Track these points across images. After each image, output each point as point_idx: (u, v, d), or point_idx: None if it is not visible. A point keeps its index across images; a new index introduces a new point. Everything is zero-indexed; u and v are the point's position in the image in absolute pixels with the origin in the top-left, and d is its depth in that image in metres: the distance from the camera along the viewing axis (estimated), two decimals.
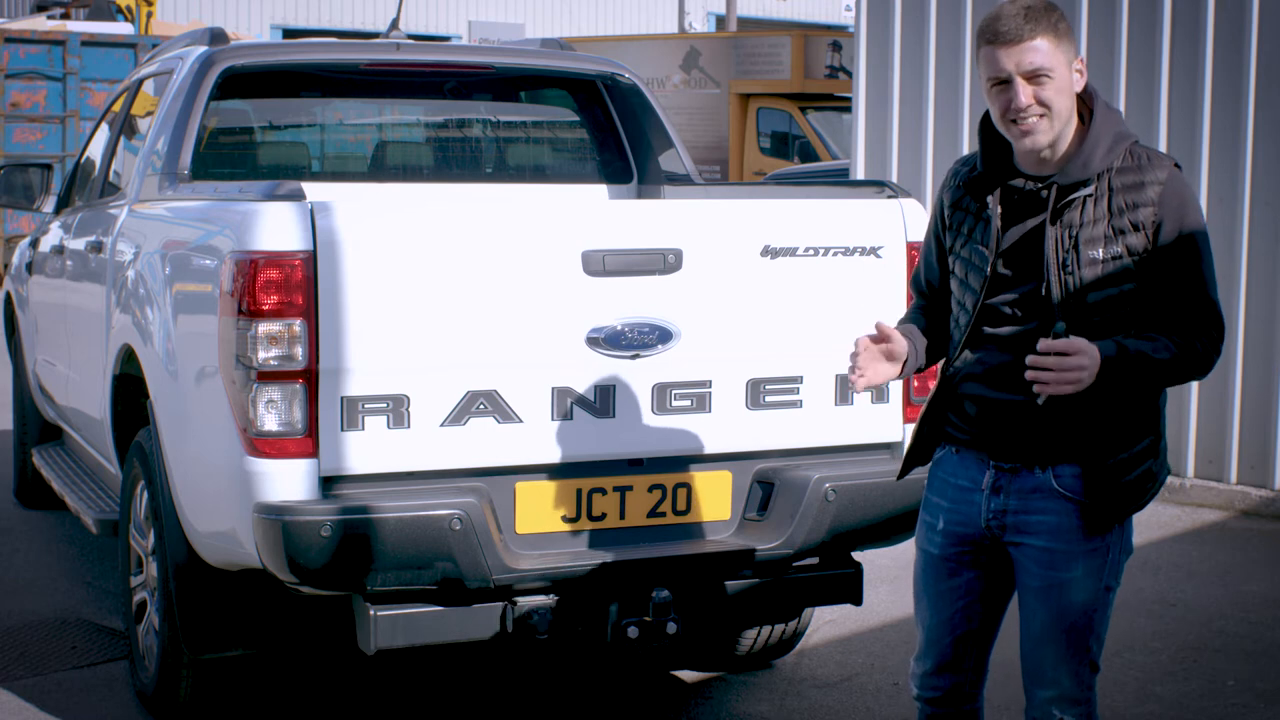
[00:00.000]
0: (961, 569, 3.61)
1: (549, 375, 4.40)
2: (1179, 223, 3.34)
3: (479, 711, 5.36)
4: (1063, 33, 3.33)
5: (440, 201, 5.78)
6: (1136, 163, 3.38)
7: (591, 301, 4.39)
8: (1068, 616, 3.48)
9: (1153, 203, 3.34)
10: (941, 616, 3.66)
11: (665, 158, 6.25)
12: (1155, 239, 3.34)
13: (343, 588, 4.31)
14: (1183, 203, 3.35)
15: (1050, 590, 3.48)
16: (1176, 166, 3.40)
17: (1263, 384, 8.17)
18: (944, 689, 3.70)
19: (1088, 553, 3.46)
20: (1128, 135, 3.42)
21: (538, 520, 4.45)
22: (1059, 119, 3.35)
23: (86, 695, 5.37)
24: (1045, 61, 3.31)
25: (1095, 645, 3.52)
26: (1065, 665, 3.50)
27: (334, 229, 4.18)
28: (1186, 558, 7.31)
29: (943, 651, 3.68)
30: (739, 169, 22.70)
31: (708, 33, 32.98)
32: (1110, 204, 3.35)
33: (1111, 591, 3.53)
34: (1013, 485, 3.49)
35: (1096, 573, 3.48)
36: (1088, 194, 3.36)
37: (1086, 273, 3.34)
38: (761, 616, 5.15)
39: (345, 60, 6.05)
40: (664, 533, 4.55)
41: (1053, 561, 3.46)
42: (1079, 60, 3.40)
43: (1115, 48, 8.63)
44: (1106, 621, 3.56)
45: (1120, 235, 3.34)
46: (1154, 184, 3.35)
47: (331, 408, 4.22)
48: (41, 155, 17.72)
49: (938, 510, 3.63)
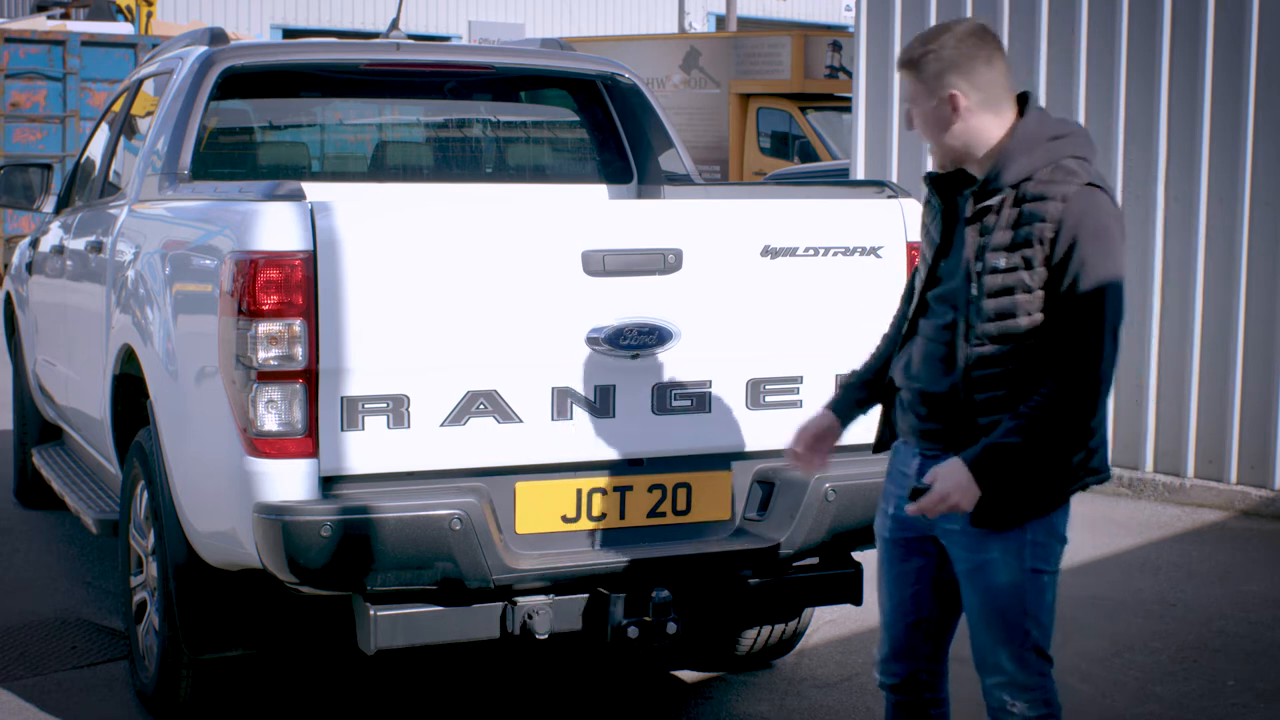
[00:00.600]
0: (911, 555, 3.76)
1: (549, 375, 4.40)
2: (1071, 237, 3.40)
3: (479, 711, 5.37)
4: (922, 69, 3.52)
5: (440, 201, 5.78)
6: (1051, 177, 3.45)
7: (591, 301, 4.39)
8: (995, 598, 3.58)
9: (1054, 218, 3.41)
10: (894, 601, 3.81)
11: (665, 158, 6.25)
12: (1051, 252, 3.41)
13: (343, 588, 4.31)
14: (1081, 222, 3.41)
15: (975, 573, 3.60)
16: (1094, 185, 3.45)
17: (1263, 384, 8.17)
18: (901, 676, 3.84)
19: (1001, 533, 3.55)
20: (1062, 152, 3.48)
21: (538, 520, 4.45)
22: (941, 149, 3.56)
23: (86, 695, 5.37)
24: (908, 95, 3.59)
25: (1035, 630, 3.61)
26: (1004, 649, 3.61)
27: (334, 229, 4.18)
28: (1186, 558, 7.32)
29: (897, 637, 3.82)
30: (739, 169, 22.70)
31: (708, 33, 32.98)
32: (1020, 215, 3.45)
33: (1042, 575, 3.61)
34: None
35: (1017, 553, 3.56)
36: (994, 203, 3.48)
37: (988, 280, 3.47)
38: (761, 616, 5.15)
39: (345, 60, 6.05)
40: (664, 533, 4.55)
41: (971, 544, 3.59)
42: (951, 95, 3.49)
43: (1115, 48, 8.63)
44: (1046, 608, 3.64)
45: (1019, 248, 3.43)
46: (1057, 199, 3.42)
47: (331, 408, 4.22)
48: (41, 155, 17.72)
49: (889, 496, 3.80)
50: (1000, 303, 3.45)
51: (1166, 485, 8.48)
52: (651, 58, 23.52)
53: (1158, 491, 8.49)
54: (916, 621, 3.79)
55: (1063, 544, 3.64)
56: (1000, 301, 3.45)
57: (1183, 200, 8.42)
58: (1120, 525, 7.90)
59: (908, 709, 3.89)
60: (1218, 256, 8.34)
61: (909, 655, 3.82)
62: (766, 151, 22.54)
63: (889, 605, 3.83)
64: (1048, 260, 3.42)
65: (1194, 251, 8.39)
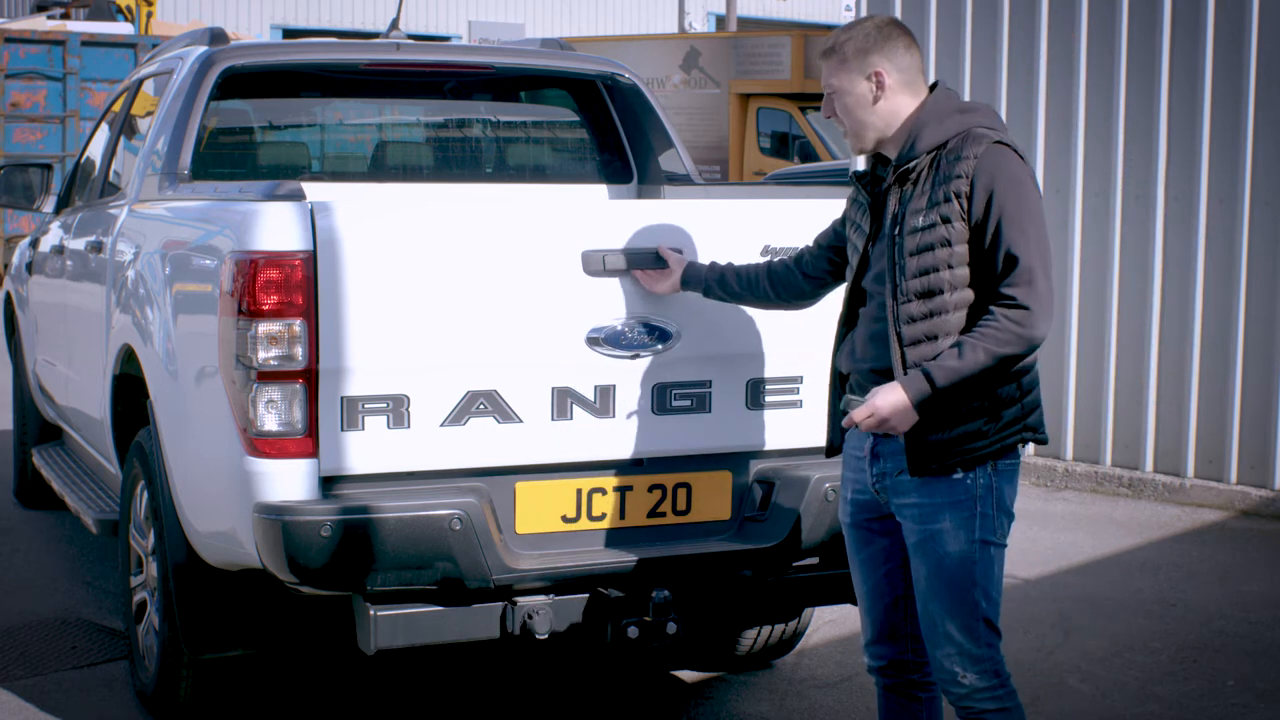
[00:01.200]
0: (874, 536, 3.90)
1: (549, 375, 4.40)
2: (988, 188, 3.61)
3: (479, 711, 5.37)
4: (847, 55, 3.77)
5: (440, 201, 5.78)
6: (963, 142, 3.67)
7: (591, 301, 4.39)
8: (945, 568, 3.70)
9: (968, 173, 3.62)
10: (869, 585, 3.94)
11: (665, 158, 6.25)
12: (969, 206, 3.61)
13: (343, 588, 4.31)
14: (996, 171, 3.62)
15: (925, 544, 3.72)
16: (1003, 144, 3.66)
17: (1263, 384, 8.17)
18: (888, 658, 3.95)
19: (952, 504, 3.68)
20: (972, 122, 3.71)
21: (538, 520, 4.45)
22: (860, 126, 3.78)
23: (86, 695, 5.37)
24: (828, 81, 3.80)
25: (984, 602, 3.72)
26: (954, 620, 3.71)
27: (334, 229, 4.18)
28: (1186, 558, 7.32)
29: (878, 619, 3.94)
30: (739, 169, 22.70)
31: (708, 33, 32.98)
32: (935, 177, 3.67)
33: (991, 547, 3.72)
34: (886, 449, 3.78)
35: (966, 525, 3.69)
36: (911, 168, 3.70)
37: (908, 240, 3.67)
38: (761, 616, 5.15)
39: (345, 60, 6.04)
40: (664, 533, 4.55)
41: (921, 516, 3.72)
42: (876, 72, 3.76)
43: (1115, 48, 8.63)
44: (994, 581, 3.74)
45: (936, 205, 3.65)
46: (971, 156, 3.64)
47: (331, 408, 4.22)
48: (41, 155, 17.72)
49: (847, 483, 3.97)
50: (922, 260, 3.65)
51: (1166, 485, 8.48)
52: (651, 58, 23.52)
53: (1158, 491, 8.49)
54: (894, 601, 3.91)
55: (1010, 519, 3.76)
56: (922, 259, 3.65)
57: (1183, 200, 8.42)
58: (1120, 525, 7.90)
59: (896, 691, 3.97)
60: (1218, 256, 8.34)
61: (892, 636, 3.93)
62: (766, 151, 22.55)
63: (865, 589, 3.96)
64: (966, 215, 3.61)
65: (1194, 251, 8.39)
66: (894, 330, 3.67)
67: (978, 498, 3.69)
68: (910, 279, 3.65)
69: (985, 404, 3.66)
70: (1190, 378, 8.41)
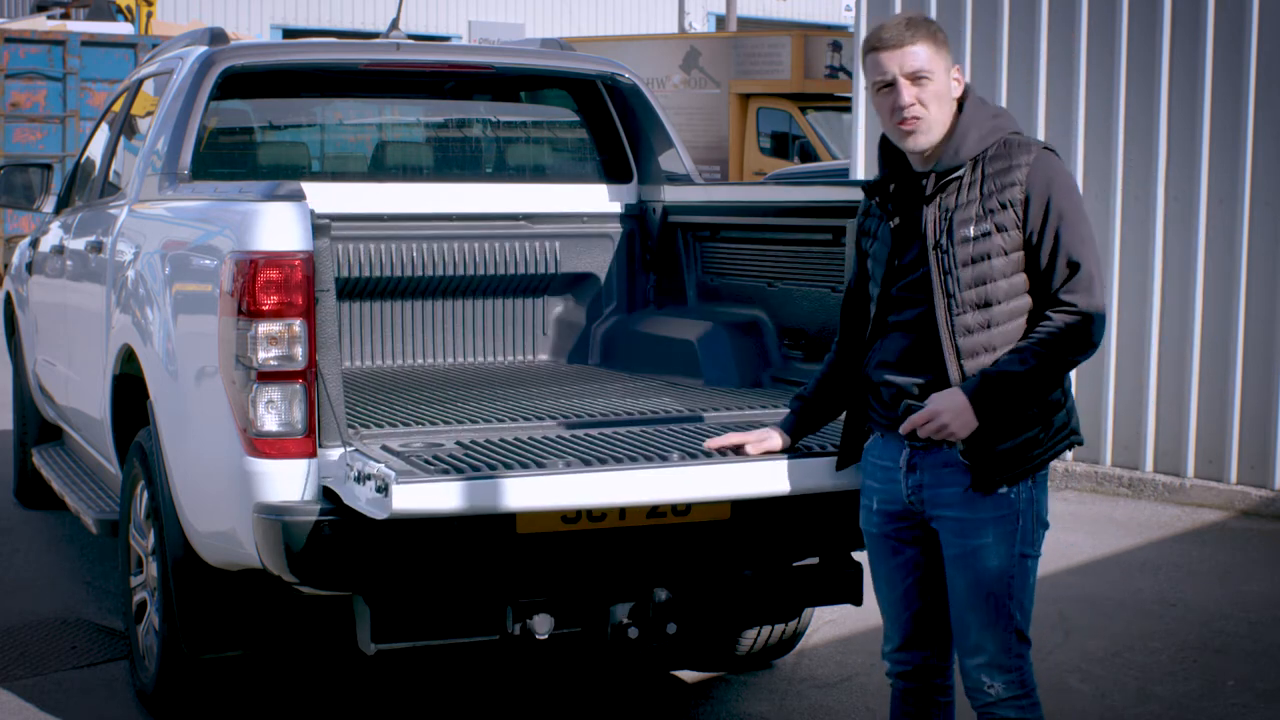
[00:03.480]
0: (903, 546, 3.82)
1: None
2: (1045, 194, 3.56)
3: (479, 711, 5.36)
4: (940, 42, 3.65)
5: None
6: (1008, 150, 3.62)
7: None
8: (985, 583, 3.65)
9: (1021, 181, 3.57)
10: (895, 594, 3.88)
11: (665, 158, 6.25)
12: (1025, 214, 3.56)
13: (343, 588, 4.31)
14: (1050, 178, 3.58)
15: (966, 558, 3.66)
16: (1049, 150, 3.62)
17: (1263, 384, 8.17)
18: (914, 664, 3.90)
19: (996, 519, 3.63)
20: (1005, 128, 3.66)
21: (538, 520, 4.44)
22: (936, 121, 3.62)
23: (86, 695, 5.37)
24: (924, 65, 3.61)
25: (1018, 613, 3.69)
26: (989, 631, 3.67)
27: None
28: (1186, 558, 7.31)
29: (904, 627, 3.88)
30: (739, 169, 22.70)
31: (708, 33, 32.98)
32: (982, 187, 3.59)
33: (1029, 560, 3.69)
34: (925, 461, 3.68)
35: (1008, 539, 3.64)
36: (959, 177, 3.61)
37: (959, 251, 3.57)
38: (761, 616, 5.15)
39: (345, 60, 6.04)
40: (664, 533, 4.54)
41: (963, 530, 3.65)
42: (956, 69, 3.68)
43: (1115, 48, 8.63)
44: (1029, 591, 3.72)
45: (990, 214, 3.57)
46: (1022, 165, 3.58)
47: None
48: (41, 155, 17.72)
49: (871, 492, 3.85)
50: (978, 270, 3.57)
51: (1166, 485, 8.47)
52: (651, 58, 23.52)
53: (1158, 491, 8.49)
54: (922, 608, 3.85)
55: (1046, 529, 3.73)
56: (978, 269, 3.57)
57: (1183, 200, 8.42)
58: (1120, 525, 7.90)
59: (917, 695, 3.93)
60: (1218, 256, 8.34)
61: (920, 642, 3.88)
62: (766, 151, 22.54)
63: (891, 599, 3.88)
64: (1021, 223, 3.56)
65: (1194, 251, 8.39)
66: (950, 343, 3.58)
67: (1020, 512, 3.64)
68: (966, 289, 3.57)
69: (1038, 410, 3.61)
70: (1190, 378, 8.40)
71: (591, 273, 6.17)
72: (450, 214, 6.04)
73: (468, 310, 6.08)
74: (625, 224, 6.20)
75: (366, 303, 5.95)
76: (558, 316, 6.23)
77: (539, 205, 6.15)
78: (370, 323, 5.96)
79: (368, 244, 5.85)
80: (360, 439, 4.31)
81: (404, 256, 5.90)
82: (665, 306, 6.08)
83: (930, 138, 3.62)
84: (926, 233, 3.62)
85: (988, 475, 3.60)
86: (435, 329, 6.05)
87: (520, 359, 6.15)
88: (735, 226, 5.79)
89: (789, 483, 4.09)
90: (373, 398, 5.10)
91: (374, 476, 3.87)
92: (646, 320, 6.00)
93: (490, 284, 6.08)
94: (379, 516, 3.87)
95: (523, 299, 6.17)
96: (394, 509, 3.79)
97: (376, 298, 5.95)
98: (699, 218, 5.99)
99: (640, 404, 4.99)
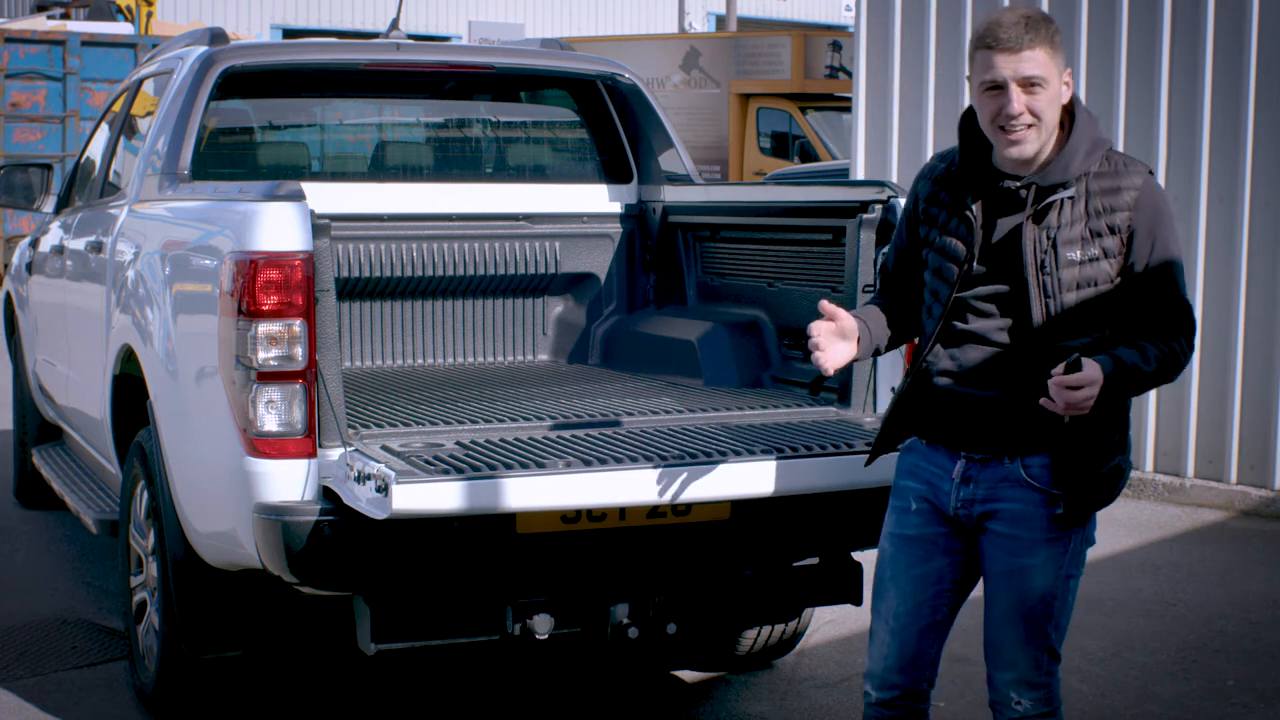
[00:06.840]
0: (935, 554, 3.66)
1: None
2: (1153, 227, 3.44)
3: (479, 711, 5.37)
4: (1057, 45, 3.42)
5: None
6: (1113, 168, 3.47)
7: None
8: (1028, 602, 3.56)
9: (1129, 207, 3.43)
10: (911, 604, 3.67)
11: (665, 158, 6.25)
12: (1129, 242, 3.44)
13: (343, 588, 4.31)
14: (1157, 208, 3.46)
15: (1013, 576, 3.56)
16: (1150, 173, 3.50)
17: (1263, 384, 8.17)
18: (902, 688, 3.71)
19: (1049, 540, 3.54)
20: (1105, 141, 3.51)
21: (538, 520, 4.44)
22: (1046, 129, 3.43)
23: (86, 695, 5.37)
24: (1041, 71, 3.39)
25: (1055, 633, 3.61)
26: (1024, 650, 3.59)
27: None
28: (1186, 558, 7.32)
29: (905, 643, 3.69)
30: (739, 169, 22.70)
31: (708, 33, 32.97)
32: (1088, 207, 3.44)
33: (1073, 580, 3.62)
34: (982, 475, 3.56)
35: (1057, 560, 3.56)
36: (1067, 196, 3.44)
37: (1065, 274, 3.43)
38: (761, 616, 5.15)
39: (345, 60, 6.04)
40: (664, 533, 4.55)
41: (1016, 548, 3.55)
42: (1067, 73, 3.47)
43: (1115, 48, 8.63)
44: (1068, 611, 3.63)
45: (1097, 238, 3.43)
46: (1130, 189, 3.44)
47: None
48: (41, 155, 17.72)
49: (909, 494, 3.68)
50: (1083, 294, 3.43)
51: (1166, 485, 8.48)
52: (651, 58, 23.51)
53: (1158, 491, 8.49)
54: (930, 625, 3.68)
55: (1091, 545, 3.65)
56: (1083, 293, 3.43)
57: (1183, 200, 8.42)
58: (1120, 525, 7.90)
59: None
60: (1218, 256, 8.34)
61: (915, 666, 3.69)
62: (766, 151, 22.54)
63: (902, 609, 3.68)
64: (1125, 250, 3.43)
65: (1194, 251, 8.39)
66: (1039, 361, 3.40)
67: (1072, 533, 3.54)
68: (1069, 312, 3.42)
69: (1119, 437, 3.52)
70: (1190, 378, 8.40)
71: (591, 273, 6.18)
72: (450, 214, 6.04)
73: (468, 310, 6.08)
74: (625, 224, 6.20)
75: (366, 303, 5.96)
76: (558, 316, 6.23)
77: (539, 205, 6.16)
78: (370, 323, 5.96)
79: (368, 244, 5.85)
80: (360, 439, 4.31)
81: (404, 257, 5.90)
82: (665, 307, 6.08)
83: (1035, 146, 3.42)
84: (1026, 251, 3.43)
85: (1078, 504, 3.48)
86: (435, 329, 6.05)
87: (520, 359, 6.15)
88: (735, 227, 5.79)
89: (789, 483, 4.08)
90: (373, 398, 5.10)
91: (374, 476, 3.87)
92: (646, 320, 6.00)
93: (490, 284, 6.08)
94: (379, 516, 3.87)
95: (523, 299, 6.17)
96: (394, 509, 3.80)
97: (376, 298, 5.96)
98: (699, 218, 5.99)
99: (640, 404, 4.99)
